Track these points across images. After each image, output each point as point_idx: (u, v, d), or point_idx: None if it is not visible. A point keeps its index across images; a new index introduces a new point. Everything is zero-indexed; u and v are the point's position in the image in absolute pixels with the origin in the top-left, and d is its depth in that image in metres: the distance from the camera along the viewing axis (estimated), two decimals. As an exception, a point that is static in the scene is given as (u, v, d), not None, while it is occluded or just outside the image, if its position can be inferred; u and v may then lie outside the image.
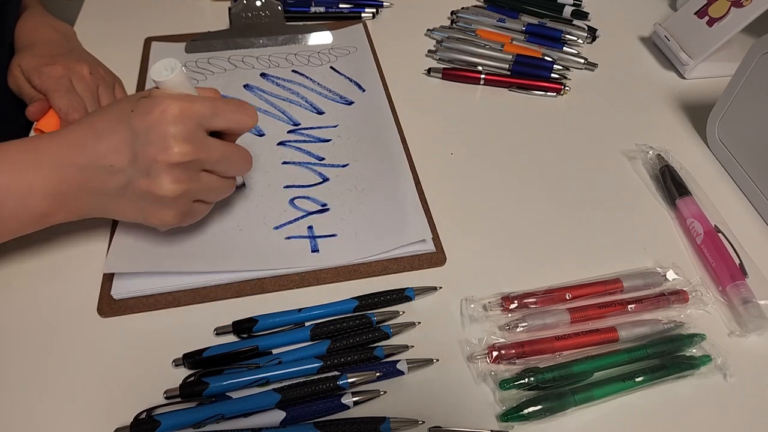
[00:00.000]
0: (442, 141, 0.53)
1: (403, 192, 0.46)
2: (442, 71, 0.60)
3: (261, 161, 0.49)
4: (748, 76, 0.48)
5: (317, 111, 0.54)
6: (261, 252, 0.42)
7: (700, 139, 0.55)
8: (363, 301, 0.39)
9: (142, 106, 0.34)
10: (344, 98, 0.56)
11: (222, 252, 0.42)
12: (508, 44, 0.62)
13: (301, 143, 0.51)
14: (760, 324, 0.39)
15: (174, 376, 0.36)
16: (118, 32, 0.63)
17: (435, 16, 0.68)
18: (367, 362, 0.36)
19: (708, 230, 0.44)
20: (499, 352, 0.37)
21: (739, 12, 0.56)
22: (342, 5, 0.67)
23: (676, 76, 0.62)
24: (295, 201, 0.46)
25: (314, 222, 0.44)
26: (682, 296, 0.40)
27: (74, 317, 0.39)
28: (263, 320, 0.38)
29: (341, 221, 0.44)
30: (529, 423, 0.34)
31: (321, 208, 0.45)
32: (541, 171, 0.50)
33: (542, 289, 0.40)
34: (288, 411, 0.34)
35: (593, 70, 0.62)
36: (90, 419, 0.34)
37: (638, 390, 0.36)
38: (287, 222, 0.44)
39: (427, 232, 0.43)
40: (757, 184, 0.48)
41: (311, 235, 0.43)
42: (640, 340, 0.38)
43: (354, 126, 0.53)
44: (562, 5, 0.68)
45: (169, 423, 0.33)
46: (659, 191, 0.49)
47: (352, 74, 0.59)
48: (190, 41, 0.61)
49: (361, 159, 0.49)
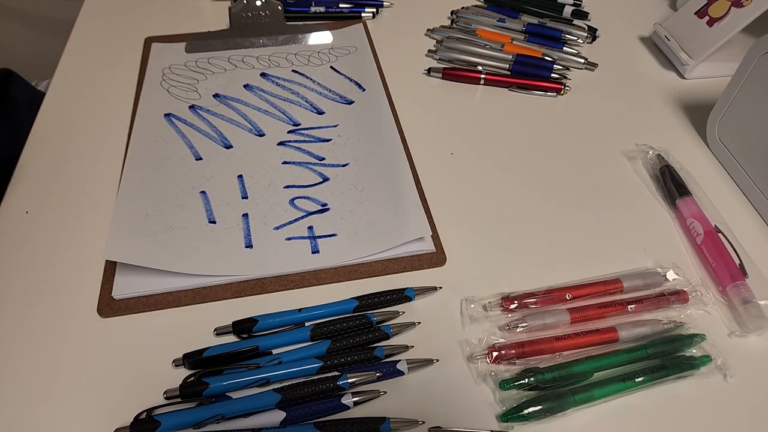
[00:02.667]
0: (442, 141, 0.53)
1: (403, 191, 0.46)
2: (442, 71, 0.60)
3: (261, 161, 0.49)
4: (748, 76, 0.48)
5: (317, 111, 0.54)
6: (262, 254, 0.42)
7: (700, 139, 0.55)
8: (363, 301, 0.39)
9: None
10: (344, 98, 0.56)
11: (222, 252, 0.42)
12: (508, 44, 0.62)
13: (302, 143, 0.51)
14: (760, 324, 0.39)
15: (174, 376, 0.36)
16: (118, 32, 0.63)
17: (435, 16, 0.68)
18: (367, 362, 0.36)
19: (708, 230, 0.44)
20: (499, 353, 0.37)
21: (739, 12, 0.56)
22: (342, 5, 0.67)
23: (676, 76, 0.62)
24: (295, 201, 0.46)
25: (314, 222, 0.44)
26: (682, 296, 0.40)
27: (74, 317, 0.39)
28: (263, 320, 0.38)
29: (341, 221, 0.44)
30: (529, 423, 0.34)
31: (321, 207, 0.45)
32: (541, 171, 0.50)
33: (542, 289, 0.40)
34: (288, 411, 0.34)
35: (593, 70, 0.62)
36: (90, 419, 0.34)
37: (638, 390, 0.36)
38: (287, 222, 0.44)
39: (427, 229, 0.43)
40: (757, 184, 0.48)
41: (311, 235, 0.43)
42: (640, 341, 0.38)
43: (354, 126, 0.53)
44: (562, 5, 0.68)
45: (169, 423, 0.33)
46: (659, 191, 0.49)
47: (352, 74, 0.59)
48: (190, 41, 0.61)
49: (361, 158, 0.49)
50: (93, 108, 0.54)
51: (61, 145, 0.50)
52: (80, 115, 0.54)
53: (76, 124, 0.53)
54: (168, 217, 0.44)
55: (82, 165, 0.49)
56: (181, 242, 0.42)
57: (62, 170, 0.48)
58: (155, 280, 0.40)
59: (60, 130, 0.52)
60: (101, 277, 0.41)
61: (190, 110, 0.54)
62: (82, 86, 0.57)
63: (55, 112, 0.54)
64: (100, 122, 0.53)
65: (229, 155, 0.50)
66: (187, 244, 0.42)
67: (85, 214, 0.45)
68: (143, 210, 0.44)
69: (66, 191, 0.47)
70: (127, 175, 0.47)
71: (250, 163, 0.49)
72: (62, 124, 0.52)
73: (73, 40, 0.62)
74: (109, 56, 0.54)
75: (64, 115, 0.53)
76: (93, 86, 0.57)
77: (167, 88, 0.56)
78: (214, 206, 0.45)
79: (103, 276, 0.41)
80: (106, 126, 0.52)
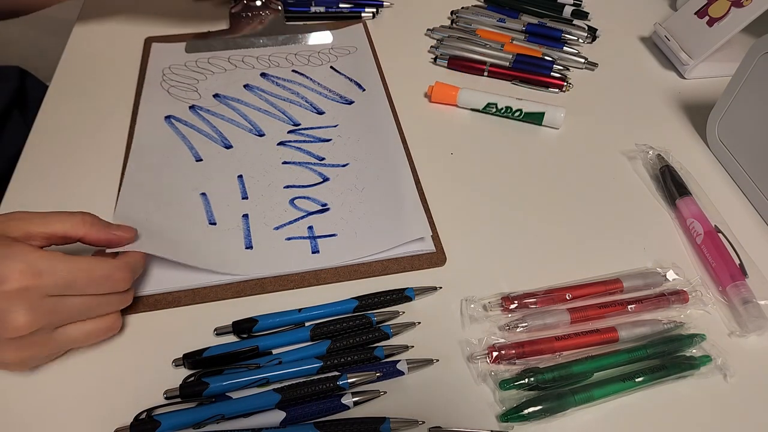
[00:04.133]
0: (442, 141, 0.53)
1: (403, 191, 0.47)
2: (448, 58, 0.60)
3: (261, 161, 0.49)
4: (748, 76, 0.48)
5: (317, 111, 0.54)
6: (262, 254, 0.42)
7: (700, 139, 0.55)
8: (363, 301, 0.39)
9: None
10: (344, 98, 0.56)
11: (222, 253, 0.42)
12: (508, 44, 0.62)
13: (302, 143, 0.51)
14: (760, 324, 0.39)
15: (174, 376, 0.36)
16: (118, 32, 0.63)
17: (435, 16, 0.68)
18: (367, 362, 0.36)
19: (708, 230, 0.44)
20: (499, 353, 0.37)
21: (739, 12, 0.56)
22: (342, 5, 0.67)
23: (676, 76, 0.62)
24: (295, 201, 0.46)
25: (314, 222, 0.44)
26: (682, 296, 0.40)
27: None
28: (263, 320, 0.38)
29: (341, 221, 0.44)
30: (529, 423, 0.34)
31: (321, 207, 0.45)
32: (541, 171, 0.50)
33: (542, 289, 0.40)
34: (288, 411, 0.34)
35: (593, 70, 0.62)
36: (90, 419, 0.34)
37: (638, 390, 0.36)
38: (288, 222, 0.44)
39: (427, 229, 0.43)
40: (757, 184, 0.48)
41: (311, 235, 0.43)
42: (640, 341, 0.38)
43: (354, 125, 0.53)
44: (562, 5, 0.68)
45: (169, 423, 0.33)
46: (659, 191, 0.49)
47: (352, 74, 0.59)
48: (190, 41, 0.61)
49: (361, 158, 0.49)
50: (93, 108, 0.54)
51: (61, 145, 0.50)
52: (80, 115, 0.54)
53: (76, 124, 0.53)
54: (169, 219, 0.44)
55: (82, 165, 0.49)
56: (182, 243, 0.42)
57: (62, 170, 0.48)
58: (155, 279, 0.40)
59: (60, 130, 0.52)
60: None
61: (190, 110, 0.54)
62: (82, 86, 0.57)
63: (55, 112, 0.54)
64: (100, 122, 0.53)
65: (230, 155, 0.50)
66: (188, 244, 0.42)
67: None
68: (144, 213, 0.44)
69: (66, 191, 0.47)
70: (128, 178, 0.47)
71: (250, 163, 0.49)
72: (62, 124, 0.52)
73: (73, 40, 0.62)
74: (109, 56, 0.53)
75: (64, 115, 0.53)
76: (93, 86, 0.57)
77: (167, 89, 0.56)
78: (215, 207, 0.45)
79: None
80: (106, 126, 0.52)
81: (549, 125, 0.54)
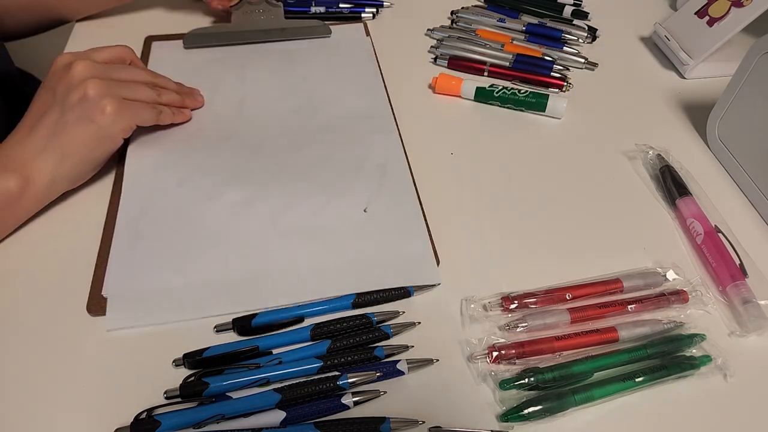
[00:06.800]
0: (442, 141, 0.53)
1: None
2: (448, 58, 0.60)
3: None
4: (748, 76, 0.48)
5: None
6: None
7: (700, 139, 0.55)
8: (361, 299, 0.39)
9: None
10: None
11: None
12: (509, 44, 0.62)
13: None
14: (760, 324, 0.39)
15: (174, 376, 0.36)
16: (118, 32, 0.63)
17: (435, 16, 0.68)
18: (367, 362, 0.36)
19: (708, 230, 0.44)
20: (499, 352, 0.37)
21: (739, 12, 0.56)
22: (342, 5, 0.67)
23: (676, 76, 0.62)
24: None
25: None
26: (682, 296, 0.40)
27: (75, 317, 0.39)
28: (262, 316, 0.38)
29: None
30: (529, 423, 0.34)
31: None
32: (540, 170, 0.50)
33: (542, 289, 0.40)
34: (288, 411, 0.34)
35: (593, 70, 0.62)
36: (90, 419, 0.34)
37: (638, 390, 0.36)
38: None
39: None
40: (757, 184, 0.48)
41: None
42: (641, 340, 0.38)
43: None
44: (562, 5, 0.68)
45: (170, 423, 0.33)
46: (659, 191, 0.49)
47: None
48: (188, 34, 0.61)
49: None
50: (93, 108, 0.54)
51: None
52: (80, 114, 0.53)
53: (76, 123, 0.52)
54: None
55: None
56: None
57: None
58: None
59: (60, 130, 0.52)
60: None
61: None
62: (82, 86, 0.56)
63: (55, 111, 0.54)
64: (100, 122, 0.53)
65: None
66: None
67: (81, 214, 0.45)
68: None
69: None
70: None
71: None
72: (62, 124, 0.52)
73: (73, 40, 0.62)
74: (109, 56, 0.54)
75: (64, 114, 0.53)
76: (93, 86, 0.56)
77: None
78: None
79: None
80: (106, 126, 0.52)
81: (551, 115, 0.55)
